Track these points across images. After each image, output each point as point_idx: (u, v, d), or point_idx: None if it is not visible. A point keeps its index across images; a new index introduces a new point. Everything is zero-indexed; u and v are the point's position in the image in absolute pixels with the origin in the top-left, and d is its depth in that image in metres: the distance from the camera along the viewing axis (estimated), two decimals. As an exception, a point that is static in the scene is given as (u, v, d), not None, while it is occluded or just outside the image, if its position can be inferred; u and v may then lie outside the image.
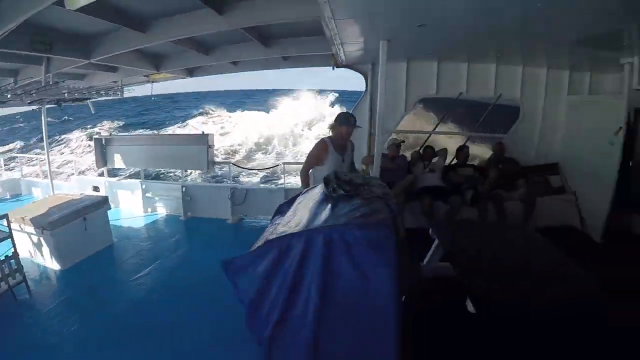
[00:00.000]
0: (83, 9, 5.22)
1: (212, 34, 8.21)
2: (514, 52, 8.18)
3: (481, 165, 9.24)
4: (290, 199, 4.94)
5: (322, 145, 6.19)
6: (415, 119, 9.69)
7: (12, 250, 7.85)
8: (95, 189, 13.21)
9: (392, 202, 3.89)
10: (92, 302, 7.61)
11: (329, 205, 3.73)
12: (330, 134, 6.23)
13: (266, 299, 3.36)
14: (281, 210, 4.72)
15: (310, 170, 6.33)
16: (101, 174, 14.45)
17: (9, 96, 8.78)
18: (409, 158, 9.05)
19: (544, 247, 4.70)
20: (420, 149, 9.37)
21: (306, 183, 6.18)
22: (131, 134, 12.56)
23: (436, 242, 5.46)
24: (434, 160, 8.82)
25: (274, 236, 3.49)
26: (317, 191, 4.31)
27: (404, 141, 8.98)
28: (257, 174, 19.65)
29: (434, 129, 9.71)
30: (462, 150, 9.06)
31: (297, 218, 3.76)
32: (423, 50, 8.18)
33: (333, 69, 9.72)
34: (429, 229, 5.64)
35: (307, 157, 6.22)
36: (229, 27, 7.18)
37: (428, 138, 9.96)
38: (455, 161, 9.40)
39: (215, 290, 7.00)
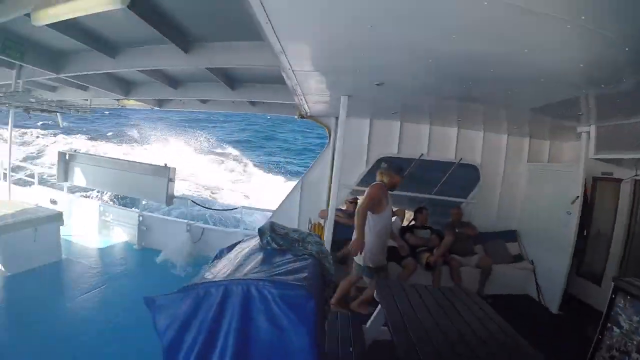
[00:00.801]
0: (54, 26, 5.27)
1: (180, 70, 8.35)
2: (475, 118, 8.46)
3: (438, 229, 9.03)
4: (232, 244, 4.89)
5: (383, 190, 6.09)
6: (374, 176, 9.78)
7: None
8: (53, 202, 13.21)
9: (327, 261, 3.93)
10: (27, 312, 7.68)
11: (260, 257, 3.80)
12: (382, 180, 6.15)
13: (184, 342, 3.36)
14: (220, 254, 4.70)
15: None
16: (61, 189, 14.32)
17: None
18: None
19: (492, 316, 4.52)
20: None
21: (363, 226, 5.92)
22: (95, 154, 12.38)
23: (379, 307, 5.31)
24: (392, 219, 8.70)
25: (193, 281, 3.48)
26: (253, 242, 4.36)
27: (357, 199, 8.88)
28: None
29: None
30: (421, 212, 8.99)
31: (229, 265, 3.83)
32: (385, 109, 8.46)
33: (297, 118, 9.88)
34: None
35: (367, 198, 5.92)
36: (193, 66, 7.42)
37: None
38: (413, 222, 9.42)
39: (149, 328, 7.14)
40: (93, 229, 12.92)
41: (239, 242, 4.77)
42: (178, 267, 10.54)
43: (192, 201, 12.22)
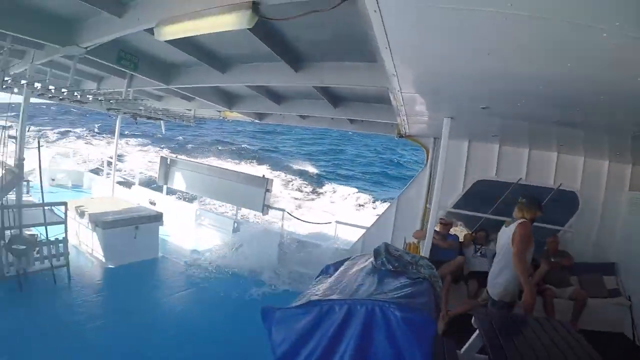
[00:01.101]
0: (171, 41, 5.58)
1: (285, 86, 8.54)
2: (575, 143, 7.95)
3: (534, 257, 8.63)
4: (338, 261, 4.94)
5: (529, 227, 5.78)
6: (471, 200, 9.48)
7: (64, 235, 8.67)
8: (152, 202, 14.00)
9: (438, 285, 3.95)
10: (123, 305, 8.23)
11: (376, 278, 3.80)
12: (524, 217, 5.87)
13: (299, 356, 3.43)
14: (327, 270, 4.76)
15: None
16: (159, 190, 15.30)
17: (90, 99, 9.39)
18: (461, 238, 8.77)
19: (589, 354, 4.27)
20: (473, 231, 9.03)
21: (527, 273, 5.77)
22: (195, 160, 13.02)
23: (477, 332, 5.14)
24: (488, 245, 8.43)
25: (317, 297, 3.59)
26: (367, 261, 4.37)
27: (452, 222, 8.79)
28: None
29: (489, 212, 9.29)
30: None
31: (342, 283, 3.84)
32: (485, 131, 8.17)
33: (396, 138, 9.92)
34: (472, 316, 5.31)
35: (524, 240, 5.60)
36: (302, 84, 7.47)
37: (482, 221, 9.46)
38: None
39: (234, 335, 7.55)
40: (189, 230, 13.54)
41: (346, 259, 4.84)
42: (266, 276, 10.76)
43: (288, 213, 12.40)
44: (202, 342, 7.14)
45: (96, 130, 44.30)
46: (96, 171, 20.02)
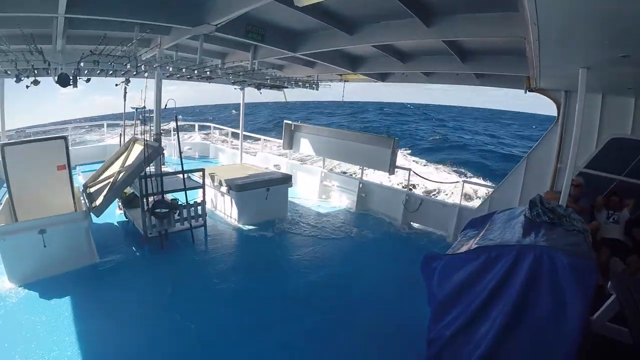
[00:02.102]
0: (299, 8, 5.62)
1: (412, 44, 8.33)
2: None
3: None
4: (483, 215, 5.03)
5: None
6: (604, 159, 8.62)
7: (201, 198, 9.37)
8: (276, 167, 14.40)
9: (589, 240, 3.83)
10: (252, 260, 8.88)
11: (534, 228, 3.81)
12: None
13: (459, 302, 3.55)
14: (474, 224, 4.86)
15: None
16: (283, 156, 15.94)
17: (219, 73, 9.98)
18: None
19: None
20: (605, 195, 8.09)
21: None
22: (316, 124, 13.33)
23: (612, 298, 5.00)
24: (621, 211, 7.59)
25: (478, 245, 3.62)
26: (516, 213, 4.39)
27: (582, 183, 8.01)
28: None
29: (624, 174, 8.46)
30: None
31: (500, 233, 3.92)
32: (620, 83, 7.39)
33: (525, 92, 9.28)
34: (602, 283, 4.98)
35: None
36: (434, 39, 7.21)
37: (615, 184, 8.58)
38: (640, 216, 8.08)
39: (374, 288, 7.91)
40: (314, 192, 14.07)
41: (492, 213, 4.90)
42: (395, 227, 11.36)
43: (414, 172, 12.34)
44: (351, 304, 7.35)
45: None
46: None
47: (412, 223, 11.80)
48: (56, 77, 7.53)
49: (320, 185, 14.09)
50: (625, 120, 8.51)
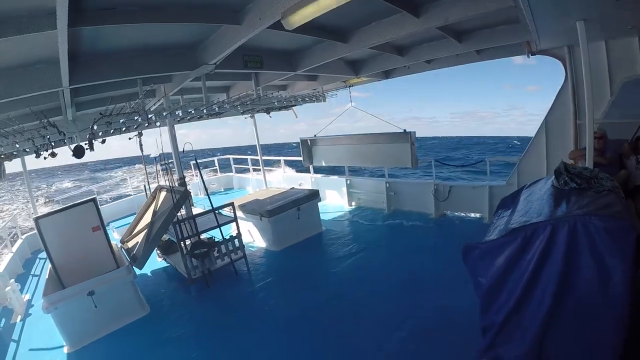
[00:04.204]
0: (294, 29, 5.75)
1: (406, 36, 8.39)
2: None
3: None
4: (513, 192, 5.04)
5: None
6: (621, 105, 8.43)
7: (236, 231, 9.55)
8: (300, 185, 14.63)
9: (622, 196, 3.85)
10: (298, 282, 8.87)
11: (564, 197, 3.82)
12: None
13: (504, 287, 3.62)
14: (505, 203, 4.87)
15: None
16: (305, 171, 16.29)
17: (227, 107, 10.22)
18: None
19: None
20: (632, 140, 7.60)
21: None
22: (332, 135, 13.31)
23: None
24: None
25: (512, 226, 3.69)
26: (544, 185, 4.42)
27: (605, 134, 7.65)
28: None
29: None
30: None
31: (532, 209, 3.91)
32: (620, 26, 7.29)
33: (528, 56, 9.22)
34: None
35: None
36: (426, 27, 7.22)
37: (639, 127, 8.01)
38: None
39: (415, 284, 7.97)
40: (343, 201, 14.37)
41: (521, 189, 4.94)
42: (430, 224, 11.34)
43: (437, 161, 12.35)
44: (390, 300, 7.53)
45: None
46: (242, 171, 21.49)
47: (445, 212, 11.85)
48: (72, 146, 7.76)
49: (348, 193, 14.27)
50: (633, 62, 8.35)
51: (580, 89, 8.66)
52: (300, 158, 15.03)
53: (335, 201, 14.82)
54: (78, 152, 7.76)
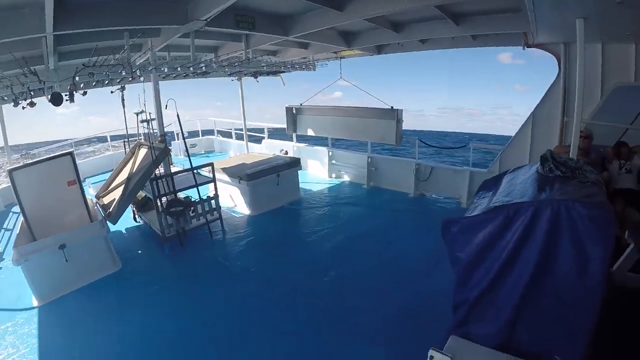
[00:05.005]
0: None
1: (404, 11, 8.23)
2: None
3: None
4: (495, 176, 5.07)
5: None
6: (610, 110, 8.49)
7: (214, 192, 9.54)
8: (283, 152, 14.50)
9: (604, 190, 3.86)
10: (272, 247, 8.98)
11: (546, 184, 3.82)
12: None
13: (485, 261, 3.65)
14: (487, 185, 4.93)
15: None
16: (288, 140, 16.11)
17: (214, 67, 10.17)
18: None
19: None
20: (615, 145, 7.77)
21: None
22: (319, 105, 13.15)
23: (631, 247, 4.93)
24: (632, 160, 7.42)
25: (495, 204, 3.72)
26: (528, 170, 4.48)
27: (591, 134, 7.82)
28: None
29: (632, 122, 8.26)
30: None
31: (515, 192, 3.92)
32: (619, 31, 7.25)
33: (524, 48, 9.15)
34: (619, 234, 4.98)
35: None
36: (425, 4, 7.09)
37: (625, 133, 8.30)
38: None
39: (388, 258, 8.10)
40: (323, 172, 14.41)
41: (503, 173, 4.96)
42: (407, 204, 11.46)
43: (420, 140, 12.33)
44: (361, 274, 7.59)
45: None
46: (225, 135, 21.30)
47: (424, 192, 11.95)
48: (49, 97, 7.55)
49: (330, 165, 14.27)
50: (627, 68, 8.34)
51: (572, 87, 8.68)
52: (284, 126, 14.90)
53: (315, 172, 14.84)
54: (56, 100, 7.55)
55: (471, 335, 3.72)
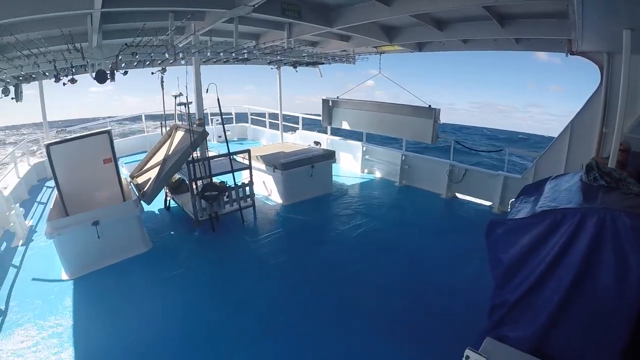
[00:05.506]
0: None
1: (451, 10, 8.10)
2: None
3: None
4: (537, 181, 4.96)
5: None
6: None
7: (249, 179, 9.60)
8: (317, 143, 14.26)
9: None
10: (302, 237, 8.99)
11: (591, 192, 3.77)
12: None
13: (524, 267, 3.60)
14: (529, 190, 4.84)
15: None
16: (322, 132, 16.15)
17: (257, 54, 10.19)
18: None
19: None
20: None
21: None
22: (356, 99, 13.06)
23: None
24: None
25: (542, 208, 3.66)
26: (571, 178, 4.40)
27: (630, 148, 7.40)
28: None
29: None
30: None
31: (560, 198, 3.87)
32: None
33: (567, 55, 8.91)
34: None
35: None
36: (475, 4, 6.97)
37: None
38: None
39: (419, 261, 7.93)
40: (356, 166, 14.30)
41: (545, 179, 4.86)
42: (439, 205, 11.36)
43: (456, 141, 12.16)
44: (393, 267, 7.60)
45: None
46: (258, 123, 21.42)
47: (456, 194, 11.77)
48: (94, 74, 7.60)
49: (363, 160, 14.17)
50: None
51: (613, 98, 8.34)
52: (320, 118, 14.86)
53: (348, 166, 14.75)
54: (100, 77, 7.60)
55: (506, 338, 3.68)
